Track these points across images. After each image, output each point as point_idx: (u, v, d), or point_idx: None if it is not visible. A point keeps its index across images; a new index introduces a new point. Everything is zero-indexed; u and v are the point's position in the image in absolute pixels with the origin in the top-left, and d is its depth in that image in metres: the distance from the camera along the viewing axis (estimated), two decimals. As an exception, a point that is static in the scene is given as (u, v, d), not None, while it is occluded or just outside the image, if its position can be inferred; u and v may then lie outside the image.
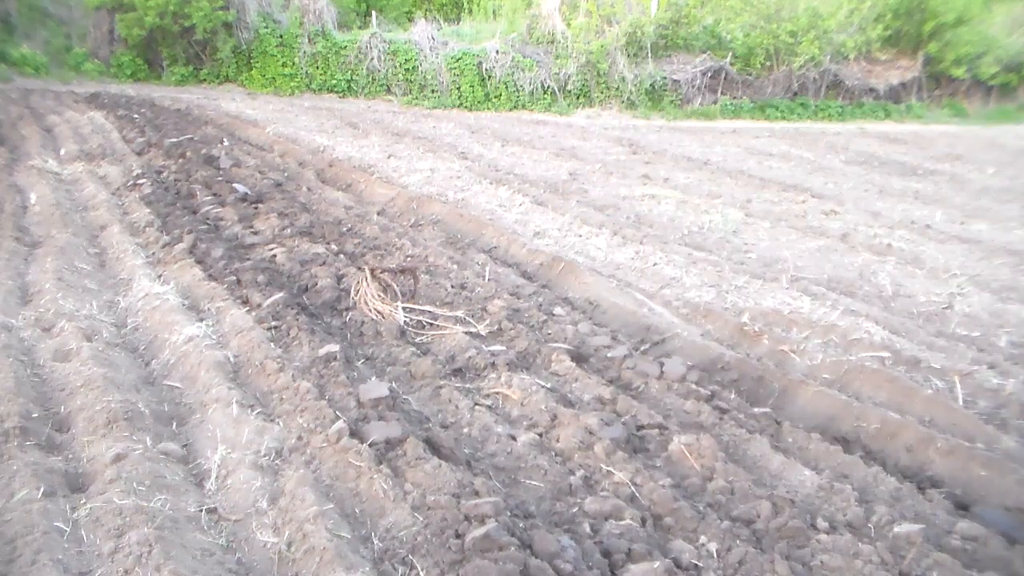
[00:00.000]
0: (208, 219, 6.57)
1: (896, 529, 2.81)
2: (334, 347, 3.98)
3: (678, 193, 9.47)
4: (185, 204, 7.05)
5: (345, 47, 18.86)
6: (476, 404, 3.67)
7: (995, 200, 10.33)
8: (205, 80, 18.83)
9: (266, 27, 18.65)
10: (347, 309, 4.77)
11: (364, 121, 14.20)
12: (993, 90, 23.01)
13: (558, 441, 3.38)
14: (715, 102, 20.17)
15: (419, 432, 3.19)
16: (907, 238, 7.83)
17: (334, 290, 4.96)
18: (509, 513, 2.69)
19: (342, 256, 5.73)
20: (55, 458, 3.00)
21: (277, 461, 3.07)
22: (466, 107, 18.53)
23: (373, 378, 3.75)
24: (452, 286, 5.20)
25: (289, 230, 6.23)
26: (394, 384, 3.81)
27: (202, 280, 5.00)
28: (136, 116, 12.57)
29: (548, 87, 18.96)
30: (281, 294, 4.72)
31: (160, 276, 5.14)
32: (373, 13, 20.60)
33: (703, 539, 2.74)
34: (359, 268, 5.11)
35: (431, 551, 2.50)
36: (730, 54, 20.30)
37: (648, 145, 13.69)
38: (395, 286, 4.92)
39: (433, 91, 18.75)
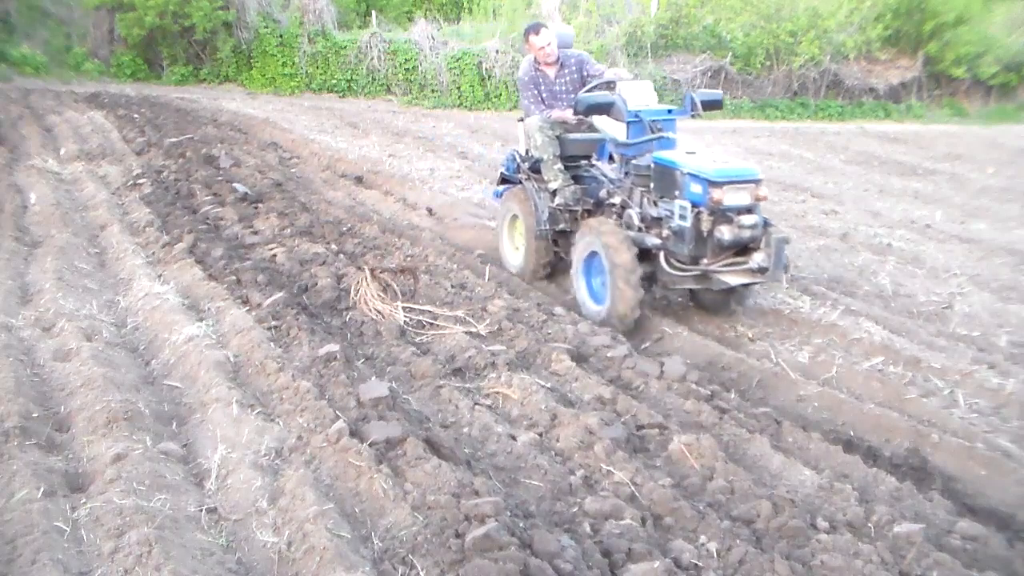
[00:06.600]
0: (208, 219, 6.57)
1: (896, 529, 2.81)
2: (334, 347, 3.98)
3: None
4: (185, 204, 7.04)
5: (345, 47, 18.84)
6: (476, 404, 3.67)
7: (995, 200, 10.32)
8: (205, 80, 18.82)
9: (266, 27, 18.63)
10: (347, 309, 4.77)
11: (364, 121, 14.18)
12: (993, 90, 22.96)
13: (558, 441, 3.38)
14: (715, 101, 20.12)
15: (419, 432, 3.19)
16: (907, 237, 7.82)
17: (334, 290, 4.96)
18: (509, 513, 2.69)
19: (342, 256, 5.73)
20: (55, 458, 3.00)
21: (277, 461, 3.07)
22: (466, 107, 18.49)
23: (373, 378, 3.74)
24: (452, 286, 5.20)
25: (289, 230, 6.23)
26: (394, 384, 3.81)
27: (202, 280, 5.00)
28: (136, 116, 12.57)
29: (548, 87, 18.92)
30: (281, 294, 4.72)
31: (160, 276, 5.14)
32: (373, 13, 20.57)
33: (703, 539, 2.74)
34: (359, 268, 5.11)
35: (431, 551, 2.50)
36: (730, 54, 20.27)
37: (648, 145, 13.66)
38: (395, 286, 4.92)
39: (433, 91, 18.72)
